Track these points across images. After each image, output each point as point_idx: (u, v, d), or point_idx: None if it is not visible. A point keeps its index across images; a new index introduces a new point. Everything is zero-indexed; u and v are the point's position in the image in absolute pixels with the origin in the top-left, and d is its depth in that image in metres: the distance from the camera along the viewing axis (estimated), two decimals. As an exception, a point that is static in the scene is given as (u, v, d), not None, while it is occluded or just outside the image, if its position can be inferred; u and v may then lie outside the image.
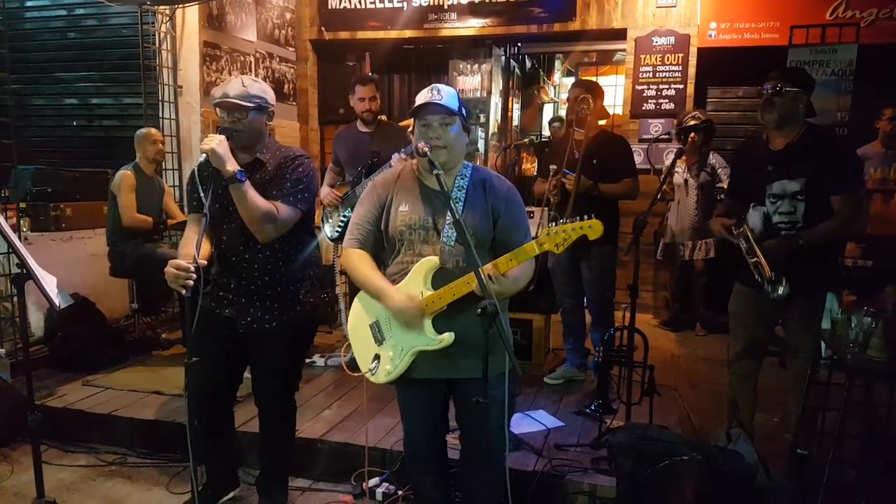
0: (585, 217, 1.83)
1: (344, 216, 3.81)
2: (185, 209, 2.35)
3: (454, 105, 1.96)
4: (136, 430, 3.21)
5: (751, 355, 2.97)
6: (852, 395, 2.47)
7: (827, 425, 2.80)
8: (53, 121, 5.61)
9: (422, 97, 1.97)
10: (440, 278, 1.94)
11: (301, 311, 2.39)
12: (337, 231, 3.84)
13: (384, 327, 2.05)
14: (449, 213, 1.89)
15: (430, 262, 1.95)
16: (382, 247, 2.10)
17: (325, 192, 3.93)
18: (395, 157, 3.39)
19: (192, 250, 2.10)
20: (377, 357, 2.06)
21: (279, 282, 2.33)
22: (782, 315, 2.85)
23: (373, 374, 2.06)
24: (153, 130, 4.28)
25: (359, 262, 2.06)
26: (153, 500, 2.78)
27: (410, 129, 2.03)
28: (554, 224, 1.86)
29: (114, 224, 4.09)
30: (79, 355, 3.95)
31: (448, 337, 1.92)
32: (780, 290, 2.54)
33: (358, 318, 2.13)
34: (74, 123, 5.53)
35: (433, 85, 2.00)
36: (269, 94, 2.31)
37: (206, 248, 2.22)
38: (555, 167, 3.45)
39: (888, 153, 4.41)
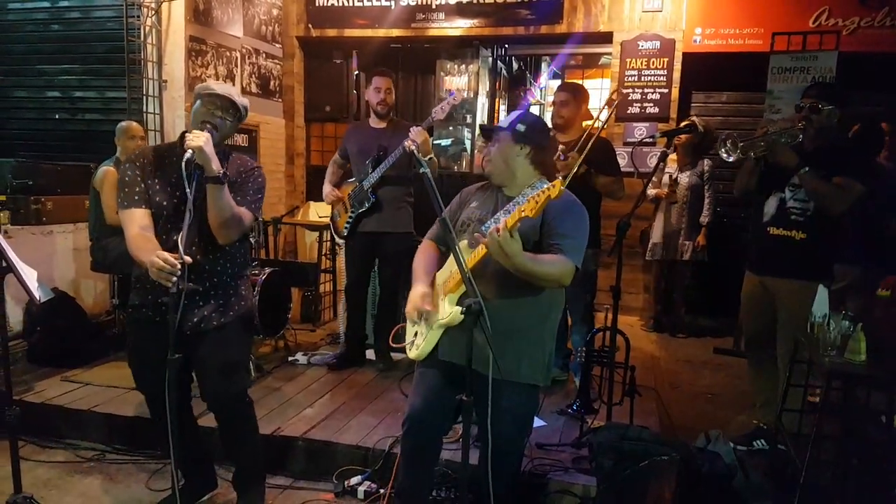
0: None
1: (352, 214, 3.80)
2: (120, 202, 2.28)
3: (506, 126, 2.18)
4: (115, 427, 3.18)
5: (759, 344, 3.14)
6: (829, 397, 2.52)
7: (805, 427, 2.84)
8: (35, 113, 5.53)
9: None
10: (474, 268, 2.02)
11: (244, 304, 2.44)
12: (346, 227, 3.84)
13: None
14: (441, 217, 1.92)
15: (462, 247, 2.06)
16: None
17: (327, 192, 3.92)
18: (414, 129, 3.49)
19: (157, 245, 2.14)
20: (416, 334, 2.24)
21: (224, 282, 2.36)
22: (776, 304, 2.98)
23: (410, 349, 2.25)
24: (134, 125, 4.22)
25: (420, 250, 2.35)
26: (132, 498, 2.75)
27: None
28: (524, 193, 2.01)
29: (96, 219, 4.03)
30: (58, 350, 3.90)
31: (455, 312, 2.02)
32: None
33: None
34: (57, 116, 5.45)
35: (518, 111, 2.26)
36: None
37: (155, 245, 2.18)
38: (562, 146, 3.46)
39: None
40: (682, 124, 4.81)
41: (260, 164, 2.53)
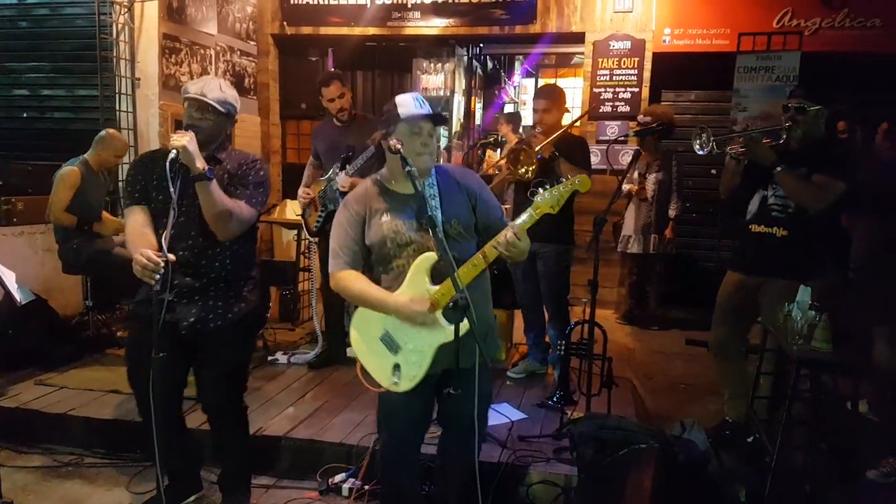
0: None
1: (322, 212, 3.80)
2: (123, 201, 2.35)
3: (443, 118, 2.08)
4: (93, 430, 3.13)
5: (726, 342, 3.16)
6: (798, 385, 2.62)
7: (776, 414, 2.95)
8: (3, 112, 5.40)
9: (412, 105, 1.99)
10: (438, 273, 1.96)
11: (245, 306, 2.41)
12: (316, 225, 3.83)
13: (396, 336, 2.03)
14: (428, 215, 1.91)
15: (428, 258, 1.96)
16: (369, 263, 2.11)
17: (300, 194, 3.92)
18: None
19: (150, 241, 2.14)
20: (397, 366, 2.02)
21: (224, 279, 2.34)
22: (759, 303, 3.01)
23: (397, 385, 2.02)
24: (124, 142, 4.15)
25: (353, 281, 2.05)
26: (113, 501, 2.73)
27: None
28: (543, 189, 1.93)
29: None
30: (30, 354, 3.82)
31: (465, 324, 1.87)
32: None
33: (364, 337, 2.10)
34: (25, 115, 5.33)
35: (417, 94, 2.05)
36: (238, 103, 2.39)
37: (153, 243, 2.18)
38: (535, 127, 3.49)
39: None
40: (640, 119, 4.89)
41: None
